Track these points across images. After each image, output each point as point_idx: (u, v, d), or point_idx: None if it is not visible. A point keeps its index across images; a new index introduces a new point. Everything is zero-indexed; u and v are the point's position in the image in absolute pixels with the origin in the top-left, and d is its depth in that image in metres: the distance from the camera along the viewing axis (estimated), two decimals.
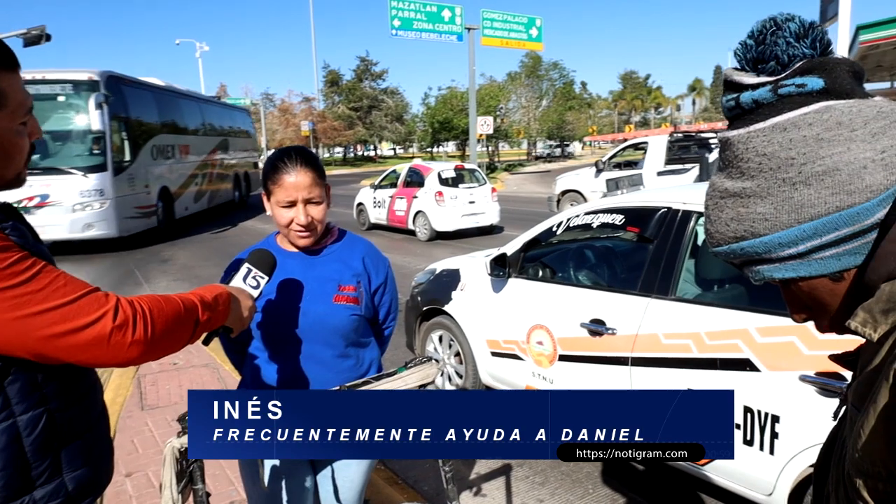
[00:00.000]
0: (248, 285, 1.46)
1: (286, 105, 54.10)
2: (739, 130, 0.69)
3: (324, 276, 1.75)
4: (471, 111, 23.37)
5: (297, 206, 1.64)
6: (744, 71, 0.70)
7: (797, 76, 0.65)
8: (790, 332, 2.46)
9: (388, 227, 13.77)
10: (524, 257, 3.81)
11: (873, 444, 0.60)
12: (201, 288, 1.30)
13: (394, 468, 3.50)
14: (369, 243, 1.93)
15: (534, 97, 48.83)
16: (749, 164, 0.67)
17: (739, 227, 0.70)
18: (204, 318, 1.20)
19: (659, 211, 3.12)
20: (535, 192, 24.23)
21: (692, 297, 3.00)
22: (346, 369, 1.79)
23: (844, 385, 2.27)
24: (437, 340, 4.50)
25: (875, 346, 0.65)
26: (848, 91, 0.65)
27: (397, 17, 20.38)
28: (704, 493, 3.18)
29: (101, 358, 0.99)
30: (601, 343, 3.12)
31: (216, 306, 1.25)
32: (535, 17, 23.11)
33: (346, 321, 1.75)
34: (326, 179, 1.73)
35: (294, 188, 1.62)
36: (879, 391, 0.59)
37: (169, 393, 4.46)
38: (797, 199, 0.64)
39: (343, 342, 1.78)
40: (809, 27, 0.66)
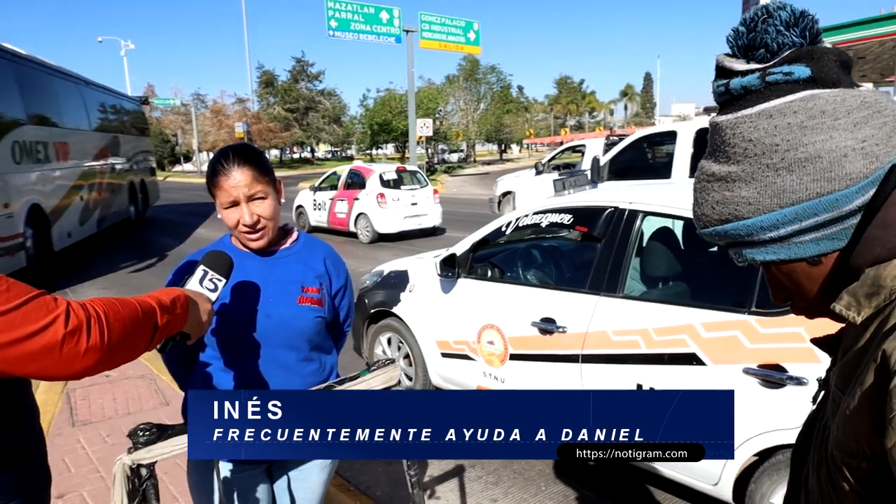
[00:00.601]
0: (206, 288, 1.38)
1: (219, 106, 52.47)
2: (728, 116, 0.70)
3: (286, 278, 1.70)
4: (410, 113, 23.35)
5: (240, 206, 1.58)
6: (735, 57, 0.71)
7: (785, 64, 0.67)
8: (733, 326, 2.56)
9: (328, 229, 13.57)
10: (474, 257, 3.82)
11: (858, 425, 0.61)
12: (157, 291, 1.22)
13: (345, 474, 3.43)
14: (329, 245, 1.88)
15: (472, 100, 49.25)
16: (735, 149, 0.69)
17: (724, 210, 0.72)
18: (163, 322, 1.13)
19: (606, 211, 3.18)
20: (475, 193, 24.44)
21: (639, 295, 3.08)
22: (309, 373, 1.73)
23: (785, 376, 2.38)
24: (386, 343, 4.45)
25: (858, 329, 0.67)
26: (834, 80, 0.66)
27: (334, 18, 20.12)
28: (653, 486, 3.26)
29: (52, 369, 0.90)
30: (552, 341, 3.16)
31: (174, 310, 1.18)
32: (473, 21, 23.34)
33: (312, 323, 1.70)
34: (273, 174, 1.66)
35: (233, 188, 1.56)
36: (866, 372, 0.61)
37: (102, 407, 4.21)
38: (780, 184, 0.66)
39: (307, 345, 1.73)
40: (800, 16, 0.68)
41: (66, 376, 0.94)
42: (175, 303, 1.18)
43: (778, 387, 2.38)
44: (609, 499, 3.20)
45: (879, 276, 0.64)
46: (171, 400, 4.25)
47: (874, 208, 0.64)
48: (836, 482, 0.66)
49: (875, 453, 0.60)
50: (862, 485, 0.63)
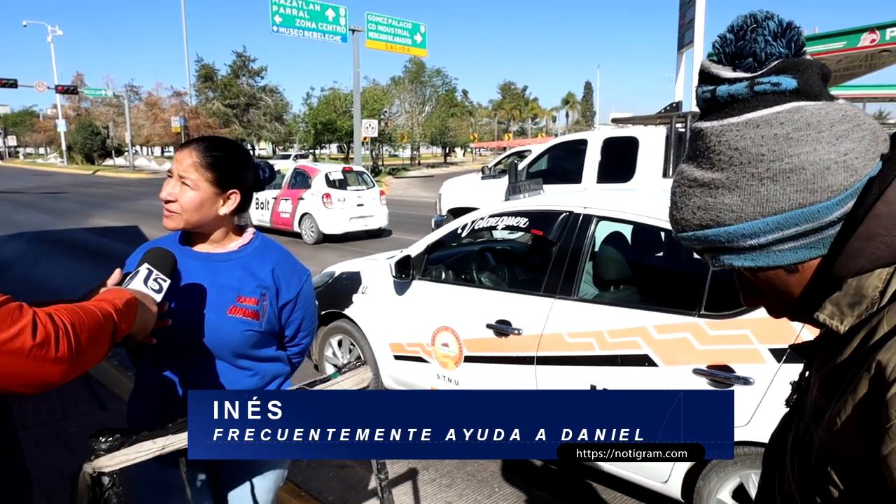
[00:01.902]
0: (150, 289, 1.31)
1: (154, 99, 50.47)
2: (713, 123, 0.71)
3: (224, 284, 1.60)
4: (355, 113, 23.15)
5: (172, 179, 1.55)
6: (721, 64, 0.72)
7: (773, 75, 0.68)
8: (684, 328, 2.65)
9: (271, 229, 13.26)
10: (428, 259, 3.81)
11: (849, 432, 0.63)
12: (107, 292, 1.16)
13: (296, 480, 3.35)
14: (286, 253, 1.77)
15: (417, 103, 49.25)
16: (721, 156, 0.70)
17: (706, 215, 0.73)
18: (122, 326, 1.09)
19: (561, 215, 3.24)
20: (420, 196, 24.43)
21: (593, 298, 3.14)
22: (239, 379, 1.65)
23: (732, 376, 2.47)
24: (337, 345, 4.38)
25: (842, 339, 0.69)
26: (817, 92, 0.68)
27: (279, 14, 19.75)
28: (601, 484, 3.33)
29: (16, 380, 0.84)
30: (507, 343, 3.19)
31: (128, 313, 1.13)
32: (420, 24, 23.38)
33: (238, 336, 1.60)
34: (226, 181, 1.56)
35: (176, 160, 1.56)
36: (860, 382, 0.62)
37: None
38: (763, 193, 0.68)
39: (234, 356, 1.63)
40: (787, 27, 0.69)
41: (31, 389, 0.88)
42: (129, 307, 1.14)
43: (726, 387, 2.47)
44: (560, 498, 3.25)
45: (862, 286, 0.66)
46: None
47: (856, 220, 0.66)
48: (822, 487, 0.68)
49: (866, 460, 0.62)
50: (851, 490, 0.65)
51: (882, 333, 0.62)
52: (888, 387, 0.58)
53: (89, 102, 53.58)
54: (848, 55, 15.60)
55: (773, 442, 0.92)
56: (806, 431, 0.76)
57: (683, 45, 20.13)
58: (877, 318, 0.64)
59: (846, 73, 19.95)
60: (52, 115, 63.24)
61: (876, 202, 0.64)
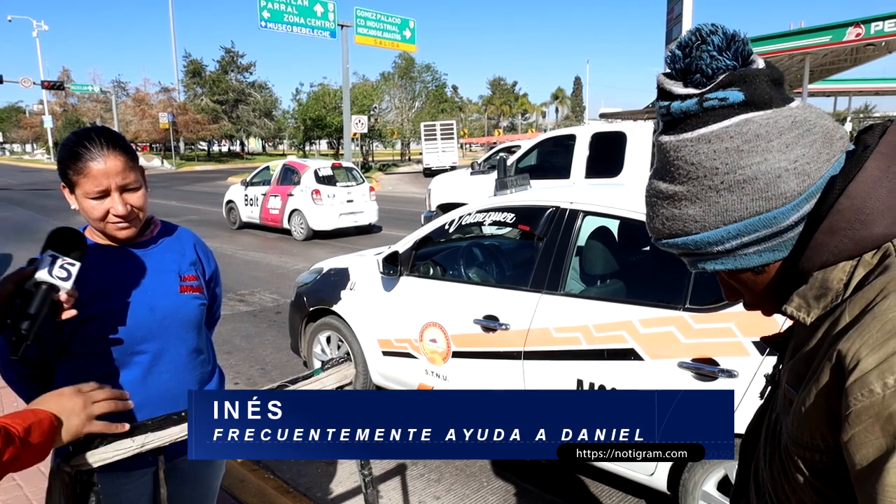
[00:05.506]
0: (57, 277, 1.19)
1: (142, 95, 49.98)
2: (671, 138, 0.74)
3: (161, 268, 1.60)
4: (345, 109, 23.07)
5: (111, 196, 1.42)
6: (674, 79, 0.75)
7: (720, 90, 0.70)
8: (669, 322, 2.67)
9: (261, 225, 13.22)
10: (416, 255, 3.81)
11: (814, 420, 0.66)
12: (10, 414, 1.02)
13: (284, 477, 3.35)
14: (191, 231, 1.80)
15: (407, 98, 49.10)
16: (679, 170, 0.73)
17: (674, 225, 0.76)
18: (7, 457, 0.95)
19: (548, 210, 3.25)
20: (410, 192, 24.39)
21: (579, 292, 3.16)
22: (199, 364, 1.67)
23: (717, 369, 2.49)
24: (325, 342, 4.38)
25: (808, 330, 0.72)
26: (766, 100, 0.70)
27: (267, 9, 19.63)
28: (589, 478, 3.36)
29: None
30: (495, 339, 3.20)
31: (27, 440, 0.99)
32: (409, 19, 23.33)
33: (197, 311, 1.65)
34: (139, 162, 1.52)
35: (104, 175, 1.39)
36: (822, 371, 0.65)
37: None
38: (722, 203, 0.71)
39: (195, 335, 1.66)
40: (731, 39, 0.71)
41: None
42: (30, 431, 1.00)
43: (710, 380, 2.50)
44: (548, 491, 3.27)
45: (827, 279, 0.69)
46: None
47: (819, 216, 0.68)
48: (790, 474, 0.71)
49: (829, 446, 0.65)
50: (816, 476, 0.67)
51: (844, 324, 0.65)
52: (847, 375, 0.60)
53: (76, 98, 52.99)
54: (833, 49, 15.73)
55: (749, 433, 0.94)
56: (777, 421, 0.78)
57: (671, 39, 20.21)
58: (840, 310, 0.67)
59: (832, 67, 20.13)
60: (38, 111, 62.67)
61: (839, 198, 0.67)
